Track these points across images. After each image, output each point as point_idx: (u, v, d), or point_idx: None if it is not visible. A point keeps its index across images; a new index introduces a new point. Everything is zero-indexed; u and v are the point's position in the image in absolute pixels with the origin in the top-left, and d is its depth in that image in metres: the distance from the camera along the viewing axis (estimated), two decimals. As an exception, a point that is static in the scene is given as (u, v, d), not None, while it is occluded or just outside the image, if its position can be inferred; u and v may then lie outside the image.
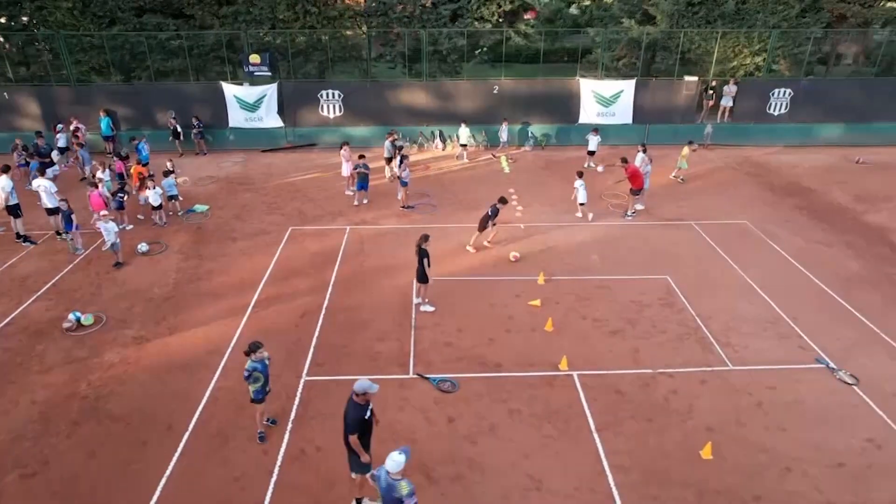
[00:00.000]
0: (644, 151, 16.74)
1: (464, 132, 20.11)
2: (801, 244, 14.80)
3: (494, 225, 14.00)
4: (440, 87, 21.16)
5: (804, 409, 9.38)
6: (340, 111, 20.94)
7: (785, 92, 21.42)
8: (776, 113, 21.77)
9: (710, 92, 21.92)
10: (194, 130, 20.40)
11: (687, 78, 20.91)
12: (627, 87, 20.92)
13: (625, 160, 16.15)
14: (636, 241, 14.81)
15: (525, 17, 39.63)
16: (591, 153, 19.42)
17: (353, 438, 7.00)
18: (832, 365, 10.31)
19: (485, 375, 10.10)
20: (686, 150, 18.43)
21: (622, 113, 21.22)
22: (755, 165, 20.60)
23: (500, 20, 22.02)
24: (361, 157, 16.20)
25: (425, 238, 11.34)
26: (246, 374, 8.42)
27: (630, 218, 15.93)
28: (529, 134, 21.39)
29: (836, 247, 14.68)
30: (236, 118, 20.79)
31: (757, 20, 21.64)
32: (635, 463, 8.37)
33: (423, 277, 11.38)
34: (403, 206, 16.31)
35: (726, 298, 12.29)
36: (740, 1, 21.76)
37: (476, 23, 21.41)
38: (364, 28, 21.51)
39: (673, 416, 9.21)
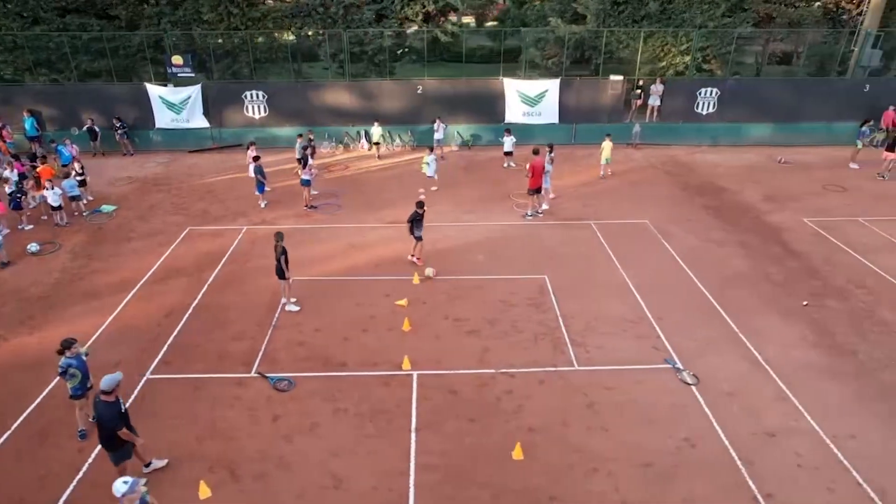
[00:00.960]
0: (551, 151, 16.75)
1: (376, 131, 20.11)
2: (694, 243, 14.77)
3: (419, 239, 13.33)
4: (364, 87, 21.18)
5: (635, 409, 9.39)
6: (265, 112, 20.97)
7: (712, 91, 21.34)
8: (704, 112, 21.70)
9: (638, 91, 21.87)
10: (118, 131, 20.47)
11: (612, 77, 20.86)
12: (552, 86, 20.88)
13: (536, 151, 16.04)
14: (528, 241, 14.81)
15: (489, 16, 39.71)
16: (508, 154, 19.39)
17: (124, 431, 7.09)
18: (678, 365, 10.30)
19: (325, 375, 10.14)
20: (607, 142, 18.54)
21: (548, 112, 21.16)
22: (677, 165, 20.54)
23: (426, 20, 22.04)
24: (256, 158, 16.23)
25: (280, 236, 11.43)
26: (60, 370, 8.50)
27: (530, 217, 15.92)
28: (455, 134, 21.45)
29: (729, 246, 14.64)
30: (162, 119, 20.85)
31: (683, 20, 21.58)
32: (444, 463, 8.39)
33: (281, 274, 11.46)
34: (307, 207, 16.38)
35: (597, 298, 12.28)
36: (666, 1, 21.74)
37: (402, 23, 21.41)
38: (292, 29, 21.49)
39: (499, 417, 9.23)
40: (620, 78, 20.78)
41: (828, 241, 14.92)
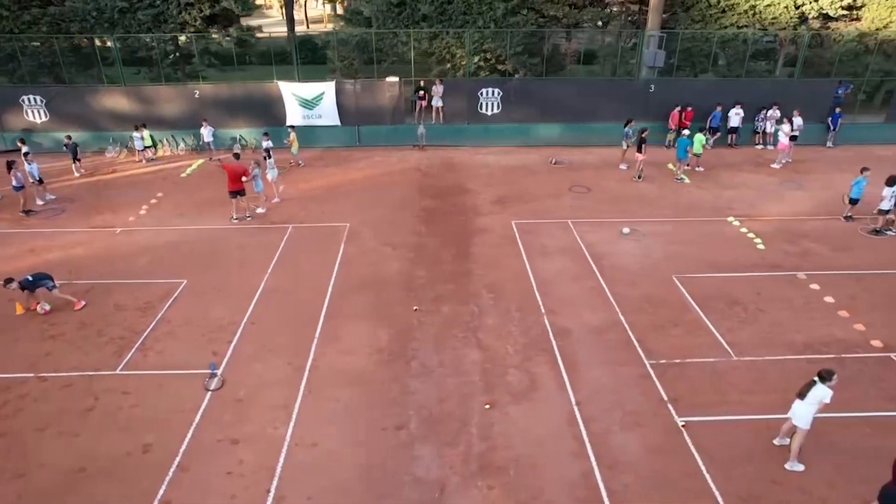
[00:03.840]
0: (269, 156, 16.87)
1: (145, 134, 20.34)
2: (370, 246, 14.70)
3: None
4: (140, 91, 21.28)
5: (128, 415, 9.37)
6: (46, 116, 21.17)
7: (494, 92, 21.17)
8: (489, 113, 21.54)
9: (421, 93, 21.74)
10: None
11: (388, 79, 20.82)
12: (328, 88, 20.82)
13: (237, 156, 16.27)
14: (208, 245, 14.81)
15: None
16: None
17: None
18: (216, 371, 10.36)
19: None
20: (291, 134, 19.63)
21: (328, 115, 21.13)
22: (444, 166, 20.38)
23: (208, 24, 22.15)
24: (-23, 162, 16.50)
25: None
26: None
27: (236, 221, 15.99)
28: (238, 137, 21.52)
29: (402, 249, 14.54)
30: (-60, 123, 21.15)
31: (465, 21, 21.40)
32: None
33: None
34: (23, 212, 16.54)
35: (214, 303, 12.28)
36: (446, 1, 21.65)
37: (181, 27, 21.58)
38: (73, 34, 21.47)
39: (-21, 419, 9.38)
40: (396, 79, 20.70)
41: (513, 244, 14.78)
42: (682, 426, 9.24)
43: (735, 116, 21.47)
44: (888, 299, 12.63)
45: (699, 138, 19.89)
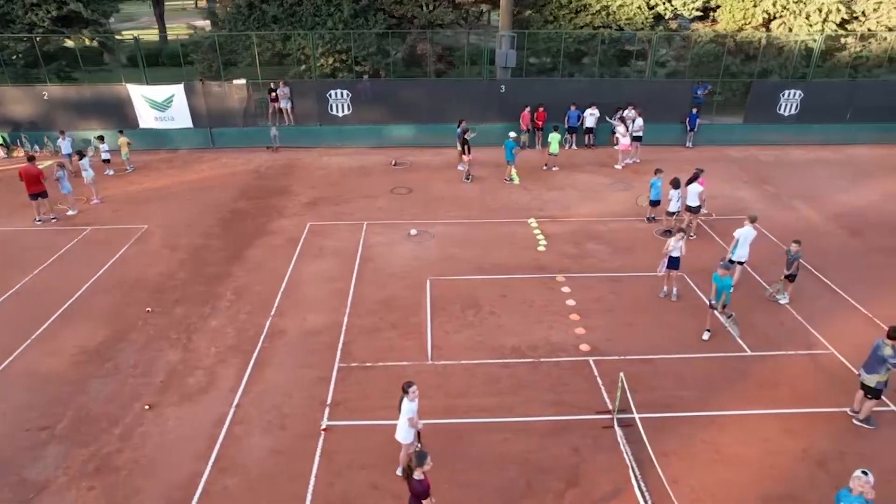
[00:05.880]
0: (81, 158, 17.13)
1: None
2: (152, 248, 14.86)
3: None
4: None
5: None
6: None
7: (343, 93, 21.23)
8: (340, 115, 21.60)
9: (273, 94, 21.82)
10: None
11: (235, 81, 20.95)
12: (177, 90, 20.99)
13: (31, 158, 16.40)
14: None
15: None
16: (106, 161, 19.62)
17: None
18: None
19: None
20: (122, 138, 19.86)
21: (180, 117, 21.31)
22: (285, 168, 20.42)
23: (64, 25, 22.30)
24: None
25: None
26: None
27: (39, 223, 16.20)
28: (92, 140, 21.65)
29: (180, 251, 14.68)
30: None
31: (315, 22, 21.42)
32: None
33: None
34: None
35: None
36: (295, 3, 21.70)
37: (29, 28, 21.60)
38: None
39: None
40: (243, 81, 20.83)
41: (293, 246, 14.83)
42: (323, 430, 9.31)
43: (590, 117, 21.33)
44: (631, 302, 12.60)
45: (555, 137, 19.86)
